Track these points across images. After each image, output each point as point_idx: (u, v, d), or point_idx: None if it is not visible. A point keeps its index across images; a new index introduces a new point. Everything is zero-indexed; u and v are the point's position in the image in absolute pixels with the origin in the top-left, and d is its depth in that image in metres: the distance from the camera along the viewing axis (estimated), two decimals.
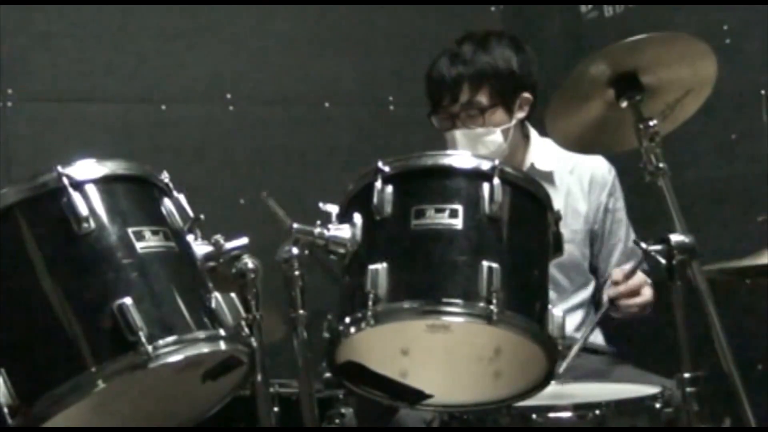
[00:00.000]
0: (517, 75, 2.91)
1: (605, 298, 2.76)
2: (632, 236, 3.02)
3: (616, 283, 2.72)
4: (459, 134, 2.88)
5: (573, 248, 2.88)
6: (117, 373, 1.79)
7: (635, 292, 2.73)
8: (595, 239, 3.03)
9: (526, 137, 3.02)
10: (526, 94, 2.93)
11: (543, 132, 2.93)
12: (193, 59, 3.64)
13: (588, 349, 2.88)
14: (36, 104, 3.46)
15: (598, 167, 3.04)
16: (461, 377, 2.17)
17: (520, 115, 2.94)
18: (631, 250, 3.01)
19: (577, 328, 2.92)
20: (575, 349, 2.51)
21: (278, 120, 3.73)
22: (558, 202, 2.28)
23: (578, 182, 3.03)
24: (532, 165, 2.98)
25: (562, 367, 2.40)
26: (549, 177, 2.95)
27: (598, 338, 3.00)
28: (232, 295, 1.99)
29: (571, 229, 2.86)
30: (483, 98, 2.88)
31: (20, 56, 3.42)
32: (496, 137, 2.87)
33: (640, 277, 2.72)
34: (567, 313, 2.15)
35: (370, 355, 2.08)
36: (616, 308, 2.74)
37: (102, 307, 1.81)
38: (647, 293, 2.76)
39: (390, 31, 3.87)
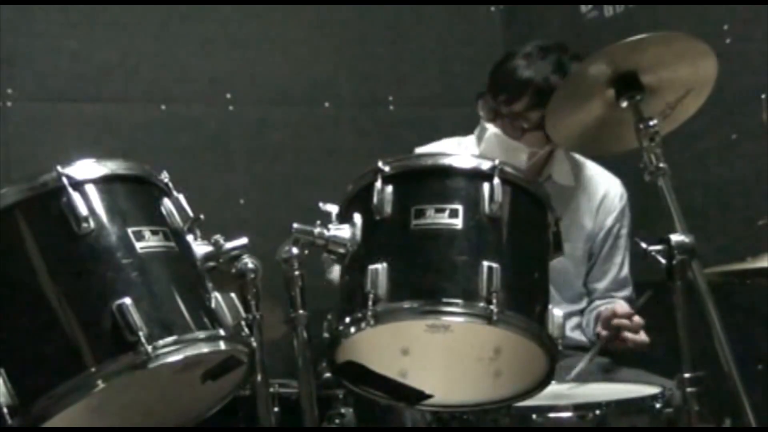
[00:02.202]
0: None
1: (601, 330, 2.76)
2: (627, 267, 3.01)
3: (619, 316, 2.70)
4: (493, 134, 2.86)
5: (567, 263, 2.86)
6: (117, 373, 1.79)
7: (638, 330, 2.72)
8: (590, 259, 3.02)
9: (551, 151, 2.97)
10: None
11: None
12: (193, 59, 3.64)
13: (578, 348, 2.89)
14: (36, 104, 3.47)
15: (611, 191, 3.02)
16: (461, 377, 2.17)
17: (553, 145, 2.89)
18: (623, 278, 3.00)
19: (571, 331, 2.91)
20: (576, 370, 2.53)
21: (278, 120, 3.73)
22: (565, 217, 2.27)
23: (588, 199, 3.00)
24: (550, 176, 2.95)
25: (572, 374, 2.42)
26: (566, 191, 2.94)
27: (581, 337, 3.00)
28: (232, 295, 1.99)
29: (573, 245, 2.82)
30: (534, 116, 2.82)
31: (20, 56, 3.43)
32: (521, 157, 2.83)
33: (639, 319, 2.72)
34: None
35: (370, 355, 2.07)
36: (613, 339, 2.73)
37: (102, 307, 1.81)
38: (644, 336, 2.74)
39: (390, 31, 3.87)
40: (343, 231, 2.08)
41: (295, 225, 2.10)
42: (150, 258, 1.88)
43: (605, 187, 3.02)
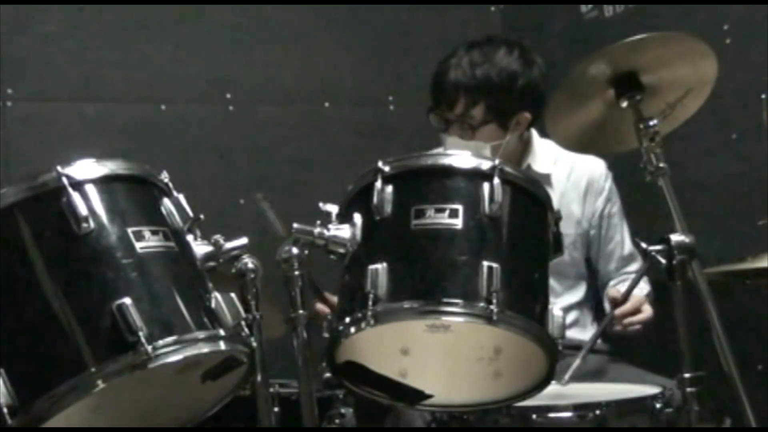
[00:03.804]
0: (518, 94, 2.84)
1: (608, 309, 2.75)
2: (628, 241, 3.02)
3: (615, 303, 2.68)
4: (450, 140, 2.86)
5: None
6: (117, 373, 1.79)
7: (637, 311, 2.72)
8: (592, 244, 3.03)
9: (525, 140, 3.00)
10: (526, 114, 2.87)
11: (543, 132, 2.93)
12: (193, 59, 3.64)
13: (578, 348, 2.88)
14: (36, 104, 3.47)
15: (595, 173, 3.03)
16: (461, 377, 2.17)
17: (516, 133, 2.90)
18: (629, 254, 3.01)
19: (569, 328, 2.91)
20: (576, 362, 2.50)
21: (278, 120, 3.73)
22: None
23: (575, 187, 3.01)
24: (529, 166, 2.96)
25: (566, 377, 2.41)
26: (546, 179, 2.92)
27: (579, 335, 2.99)
28: (232, 295, 1.99)
29: (563, 232, 2.83)
30: (477, 113, 2.84)
31: (20, 56, 3.42)
32: (485, 152, 2.80)
33: (636, 297, 2.71)
34: None
35: (370, 355, 2.07)
36: (619, 325, 2.72)
37: (102, 307, 1.81)
38: (648, 309, 2.74)
39: (390, 31, 3.87)
40: (343, 231, 2.08)
41: (295, 225, 2.10)
42: (150, 258, 1.88)
43: (589, 170, 3.03)
